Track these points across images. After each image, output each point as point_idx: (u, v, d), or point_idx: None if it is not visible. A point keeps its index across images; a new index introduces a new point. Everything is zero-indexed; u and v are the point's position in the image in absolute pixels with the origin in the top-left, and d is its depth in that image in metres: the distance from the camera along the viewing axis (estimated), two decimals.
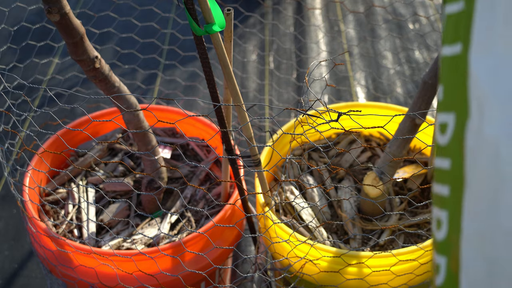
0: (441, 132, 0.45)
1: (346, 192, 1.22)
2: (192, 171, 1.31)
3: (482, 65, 0.41)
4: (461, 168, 0.43)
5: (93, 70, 0.98)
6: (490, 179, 0.41)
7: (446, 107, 0.45)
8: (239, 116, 0.98)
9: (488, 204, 0.41)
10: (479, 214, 0.42)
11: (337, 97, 2.01)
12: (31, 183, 1.17)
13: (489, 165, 0.41)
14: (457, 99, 0.43)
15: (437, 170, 0.46)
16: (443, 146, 0.45)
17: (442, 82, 0.45)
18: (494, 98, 0.40)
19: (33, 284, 1.46)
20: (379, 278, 1.01)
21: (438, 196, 0.46)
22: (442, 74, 0.45)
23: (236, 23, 2.09)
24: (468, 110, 0.42)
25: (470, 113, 0.42)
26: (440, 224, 0.45)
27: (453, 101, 0.44)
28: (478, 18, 0.42)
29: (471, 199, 0.42)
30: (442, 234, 0.45)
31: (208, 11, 0.83)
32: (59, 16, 0.88)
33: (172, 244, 1.05)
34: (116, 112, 1.36)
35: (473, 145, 0.42)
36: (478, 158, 0.42)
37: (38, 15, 2.28)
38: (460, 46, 0.44)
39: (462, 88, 0.43)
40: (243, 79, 2.07)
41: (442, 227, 0.45)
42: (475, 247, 0.43)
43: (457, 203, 0.43)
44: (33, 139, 1.81)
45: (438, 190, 0.46)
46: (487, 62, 0.41)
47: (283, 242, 1.05)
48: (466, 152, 0.43)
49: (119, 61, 1.95)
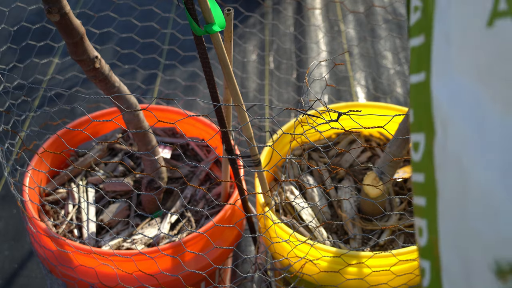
0: (415, 150, 0.51)
1: (346, 192, 1.22)
2: (192, 171, 1.31)
3: (442, 90, 0.47)
4: (433, 180, 0.48)
5: (93, 70, 0.98)
6: (457, 188, 0.46)
7: (417, 128, 0.50)
8: (239, 116, 0.98)
9: (458, 210, 0.46)
10: (451, 219, 0.47)
11: (337, 97, 2.01)
12: (31, 183, 1.17)
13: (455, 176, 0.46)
14: (425, 120, 0.49)
15: (414, 184, 0.51)
16: (417, 162, 0.51)
17: (412, 106, 0.51)
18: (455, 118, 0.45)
19: (33, 284, 1.46)
20: (379, 278, 1.01)
21: (418, 206, 0.51)
22: (411, 99, 0.51)
23: (236, 23, 2.09)
24: (434, 130, 0.48)
25: (436, 133, 0.47)
26: (422, 231, 0.51)
27: (422, 123, 0.49)
28: (436, 50, 0.48)
29: (444, 207, 0.48)
30: (424, 241, 0.50)
31: (208, 11, 0.83)
32: (59, 16, 0.88)
33: (172, 244, 1.05)
34: (116, 112, 1.36)
35: (440, 160, 0.47)
36: (446, 171, 0.47)
37: (38, 15, 2.28)
38: (424, 75, 0.49)
39: (428, 111, 0.48)
40: (243, 79, 2.07)
41: (423, 234, 0.50)
42: (452, 249, 0.47)
43: (433, 212, 0.49)
44: (33, 139, 1.81)
45: (417, 202, 0.51)
46: (446, 88, 0.46)
47: (283, 242, 1.05)
48: (435, 166, 0.48)
49: (119, 61, 1.95)
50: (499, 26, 0.42)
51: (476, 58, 0.44)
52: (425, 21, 0.50)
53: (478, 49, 0.44)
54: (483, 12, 0.44)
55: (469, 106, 0.44)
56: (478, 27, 0.44)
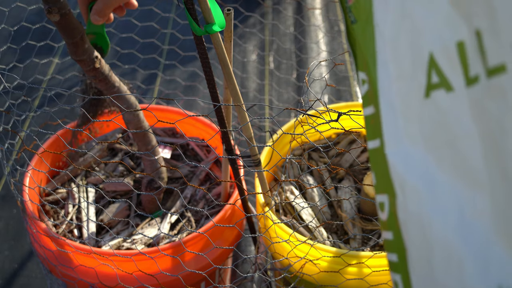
0: (381, 210, 0.54)
1: (346, 192, 1.22)
2: (192, 171, 1.31)
3: (395, 156, 0.51)
4: (400, 238, 0.51)
5: (93, 70, 0.98)
6: (422, 245, 0.49)
7: (380, 189, 0.54)
8: (239, 116, 0.98)
9: (426, 266, 0.49)
10: (421, 275, 0.50)
11: (337, 97, 2.01)
12: (31, 183, 1.17)
13: (418, 234, 0.49)
14: (385, 183, 0.52)
15: (385, 241, 0.54)
16: (384, 221, 0.54)
17: (373, 170, 0.55)
18: (409, 182, 0.49)
19: (33, 284, 1.46)
20: (379, 278, 1.01)
21: (391, 262, 0.54)
22: (371, 163, 0.55)
23: (236, 23, 2.09)
24: (395, 192, 0.51)
25: (396, 194, 0.51)
26: (397, 285, 0.53)
27: (383, 185, 0.53)
28: (385, 120, 0.52)
29: (413, 263, 0.51)
30: None
31: (208, 11, 0.83)
32: (59, 16, 0.88)
33: (172, 244, 1.05)
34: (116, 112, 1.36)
35: (403, 219, 0.51)
36: (410, 229, 0.50)
37: (38, 15, 2.28)
38: (378, 141, 0.53)
39: (387, 175, 0.52)
40: (243, 79, 2.07)
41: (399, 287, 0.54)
42: None
43: (404, 267, 0.52)
44: (33, 139, 1.81)
45: (390, 258, 0.54)
46: (398, 154, 0.50)
47: (283, 242, 1.05)
48: (400, 225, 0.51)
49: (119, 61, 1.95)
50: (435, 97, 0.47)
51: (419, 127, 0.48)
52: (372, 93, 0.53)
53: (420, 118, 0.48)
54: (420, 86, 0.48)
55: (419, 171, 0.48)
56: (417, 99, 0.48)
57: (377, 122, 0.53)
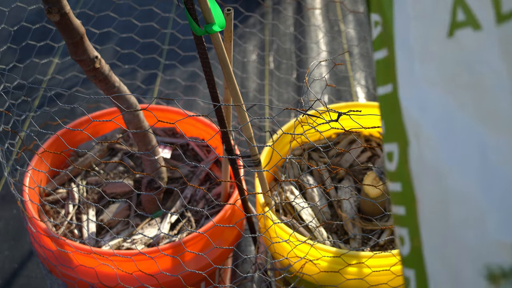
0: (389, 160, 0.51)
1: (346, 192, 1.22)
2: (192, 171, 1.31)
3: (410, 101, 0.48)
4: (410, 189, 0.49)
5: (93, 70, 0.98)
6: (437, 196, 0.46)
7: (389, 138, 0.51)
8: (239, 116, 0.98)
9: (441, 218, 0.46)
10: (434, 228, 0.47)
11: (337, 97, 2.01)
12: (31, 183, 1.17)
13: (434, 184, 0.46)
14: (396, 130, 0.50)
15: (392, 193, 0.52)
16: (392, 172, 0.51)
17: (382, 118, 0.52)
18: (426, 128, 0.46)
19: (33, 284, 1.46)
20: (379, 278, 1.01)
21: (397, 216, 0.51)
22: (381, 110, 0.52)
23: (236, 23, 2.09)
24: (407, 140, 0.48)
25: (409, 142, 0.48)
26: (403, 240, 0.50)
27: (394, 133, 0.50)
28: (400, 62, 0.49)
29: (425, 215, 0.47)
30: (406, 250, 0.50)
31: (208, 11, 0.83)
32: (59, 16, 0.88)
33: (172, 244, 1.05)
34: (116, 112, 1.36)
35: (416, 169, 0.48)
36: (423, 179, 0.47)
37: (38, 15, 2.28)
38: (391, 86, 0.50)
39: (399, 121, 0.49)
40: (243, 79, 2.07)
41: (405, 243, 0.50)
42: (437, 257, 0.47)
43: (414, 220, 0.49)
44: (33, 139, 1.81)
45: (396, 211, 0.51)
46: (414, 98, 0.48)
47: (283, 242, 1.05)
48: (412, 175, 0.48)
49: (119, 61, 1.95)
50: (459, 36, 0.44)
51: (439, 68, 0.46)
52: (386, 35, 0.51)
53: (440, 59, 0.46)
54: (443, 24, 0.45)
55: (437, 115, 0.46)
56: (439, 39, 0.46)
57: (390, 65, 0.50)
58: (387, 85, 0.51)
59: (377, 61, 0.52)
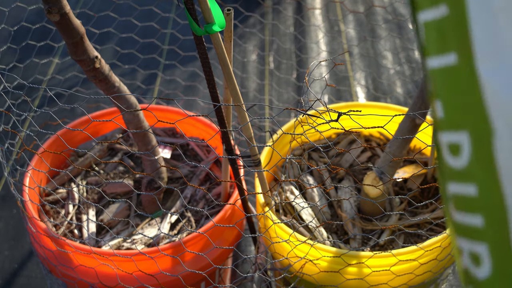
0: (453, 155, 0.40)
1: (346, 192, 1.22)
2: (192, 171, 1.31)
3: (495, 74, 0.36)
4: (497, 194, 0.37)
5: (93, 70, 0.98)
6: None
7: (452, 125, 0.39)
8: (239, 116, 0.98)
9: None
10: None
11: (337, 97, 2.01)
12: (31, 183, 1.17)
13: None
14: (467, 115, 0.38)
15: (456, 197, 0.41)
16: (459, 170, 0.40)
17: (439, 97, 0.40)
18: None
19: (33, 284, 1.46)
20: (379, 278, 1.01)
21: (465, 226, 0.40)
22: (436, 88, 0.40)
23: (236, 23, 2.09)
24: (491, 127, 0.37)
25: (494, 130, 0.37)
26: (479, 259, 0.40)
27: (462, 118, 0.39)
28: (475, 23, 0.37)
29: None
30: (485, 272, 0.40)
31: (208, 11, 0.83)
32: (59, 16, 0.88)
33: (172, 244, 1.05)
34: (116, 112, 1.36)
35: (507, 164, 0.37)
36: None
37: (38, 15, 2.28)
38: (454, 56, 0.38)
39: (474, 103, 0.37)
40: (243, 79, 2.07)
41: (484, 263, 0.39)
42: None
43: (501, 235, 0.38)
44: (33, 139, 1.81)
45: (463, 220, 0.40)
46: (502, 73, 0.36)
47: (283, 242, 1.05)
48: (500, 175, 0.37)
49: (119, 61, 1.95)
50: None
51: None
52: None
53: None
54: None
55: None
56: None
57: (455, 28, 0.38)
58: (445, 54, 0.39)
59: (426, 23, 0.40)
